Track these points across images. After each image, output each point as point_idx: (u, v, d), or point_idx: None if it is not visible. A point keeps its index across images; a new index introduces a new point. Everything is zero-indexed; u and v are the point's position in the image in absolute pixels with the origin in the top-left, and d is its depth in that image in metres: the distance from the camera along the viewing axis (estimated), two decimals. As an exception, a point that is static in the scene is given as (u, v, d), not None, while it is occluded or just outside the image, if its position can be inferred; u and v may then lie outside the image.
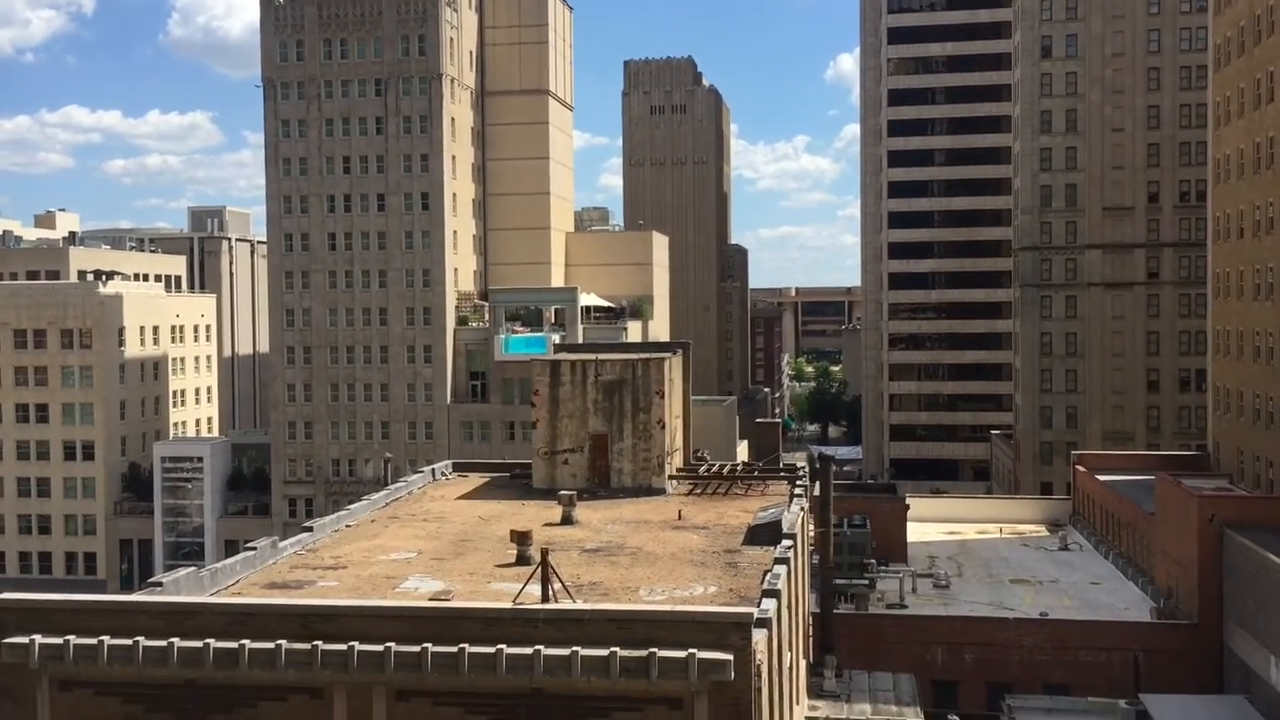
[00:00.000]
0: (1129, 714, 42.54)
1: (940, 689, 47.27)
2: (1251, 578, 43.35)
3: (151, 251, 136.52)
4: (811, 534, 40.44)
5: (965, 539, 70.45)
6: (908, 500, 67.31)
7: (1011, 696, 45.11)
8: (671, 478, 40.62)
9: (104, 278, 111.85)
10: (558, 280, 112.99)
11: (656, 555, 29.89)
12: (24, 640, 21.16)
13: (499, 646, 20.34)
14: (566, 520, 33.90)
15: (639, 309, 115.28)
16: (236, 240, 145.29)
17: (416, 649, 20.49)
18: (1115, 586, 57.65)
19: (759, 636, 20.98)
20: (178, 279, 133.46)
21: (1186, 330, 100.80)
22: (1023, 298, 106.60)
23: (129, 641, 20.96)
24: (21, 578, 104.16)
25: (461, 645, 20.40)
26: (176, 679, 21.17)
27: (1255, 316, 60.56)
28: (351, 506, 36.03)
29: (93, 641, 21.01)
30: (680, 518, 34.93)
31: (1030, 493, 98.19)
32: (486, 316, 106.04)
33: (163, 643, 20.89)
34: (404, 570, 28.23)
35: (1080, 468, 73.23)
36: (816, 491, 40.57)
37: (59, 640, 21.09)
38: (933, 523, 72.04)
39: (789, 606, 28.25)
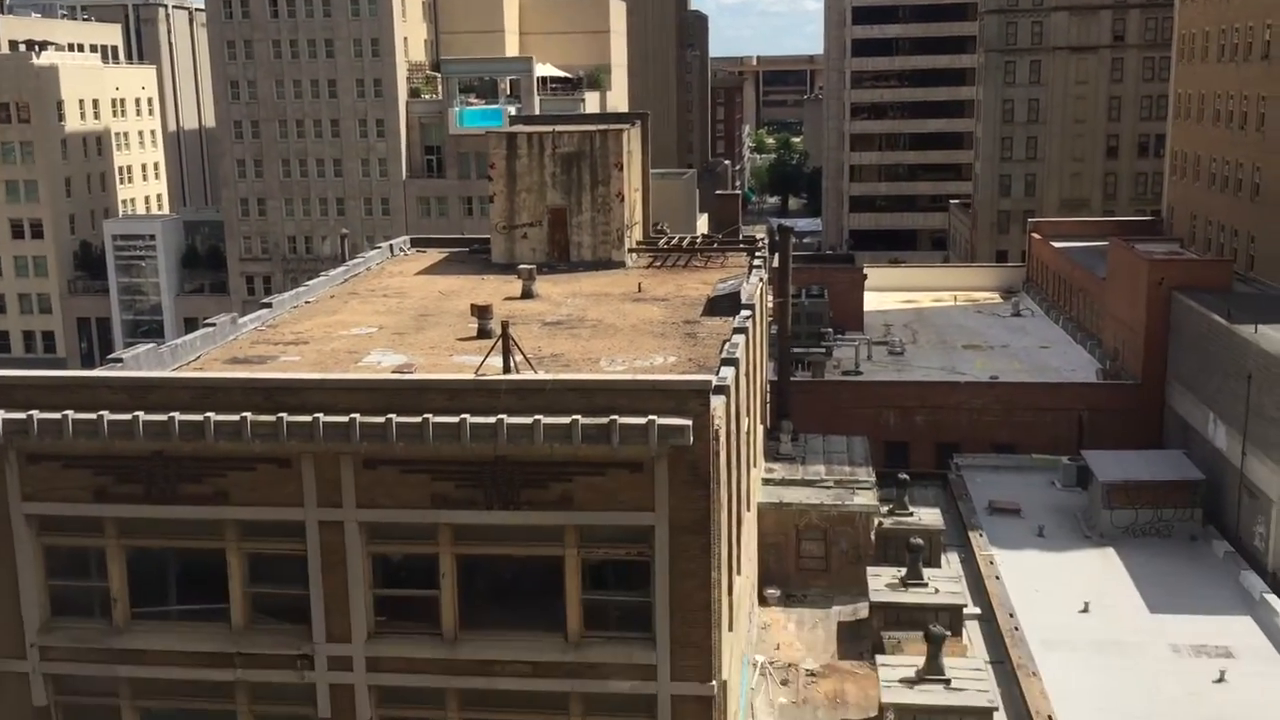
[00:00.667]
0: (1070, 469, 44.43)
1: (892, 450, 49.03)
2: (1196, 339, 44.59)
3: (85, 20, 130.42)
4: (770, 304, 40.90)
5: (921, 307, 71.64)
6: (865, 270, 67.99)
7: (959, 455, 46.90)
8: (631, 251, 40.60)
9: (37, 48, 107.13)
10: (512, 50, 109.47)
11: (616, 327, 30.18)
12: (-11, 417, 21.28)
13: (463, 416, 20.70)
14: (526, 294, 34.00)
15: (596, 80, 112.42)
16: (174, 7, 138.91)
17: (381, 420, 20.83)
18: (1064, 350, 59.18)
19: (717, 403, 21.46)
20: (114, 49, 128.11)
21: (1149, 95, 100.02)
22: (987, 63, 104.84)
23: (93, 415, 21.14)
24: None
25: (426, 416, 20.74)
26: (144, 451, 21.48)
27: (1219, 79, 60.05)
28: (310, 283, 35.85)
29: (57, 416, 21.17)
30: (640, 290, 35.12)
31: (987, 262, 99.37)
32: (439, 88, 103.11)
33: (127, 416, 21.09)
34: (366, 345, 28.38)
35: (1035, 235, 73.91)
36: (775, 263, 40.78)
37: (23, 415, 21.23)
38: (889, 292, 73.01)
39: (747, 374, 28.83)
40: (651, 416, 20.43)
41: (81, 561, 22.65)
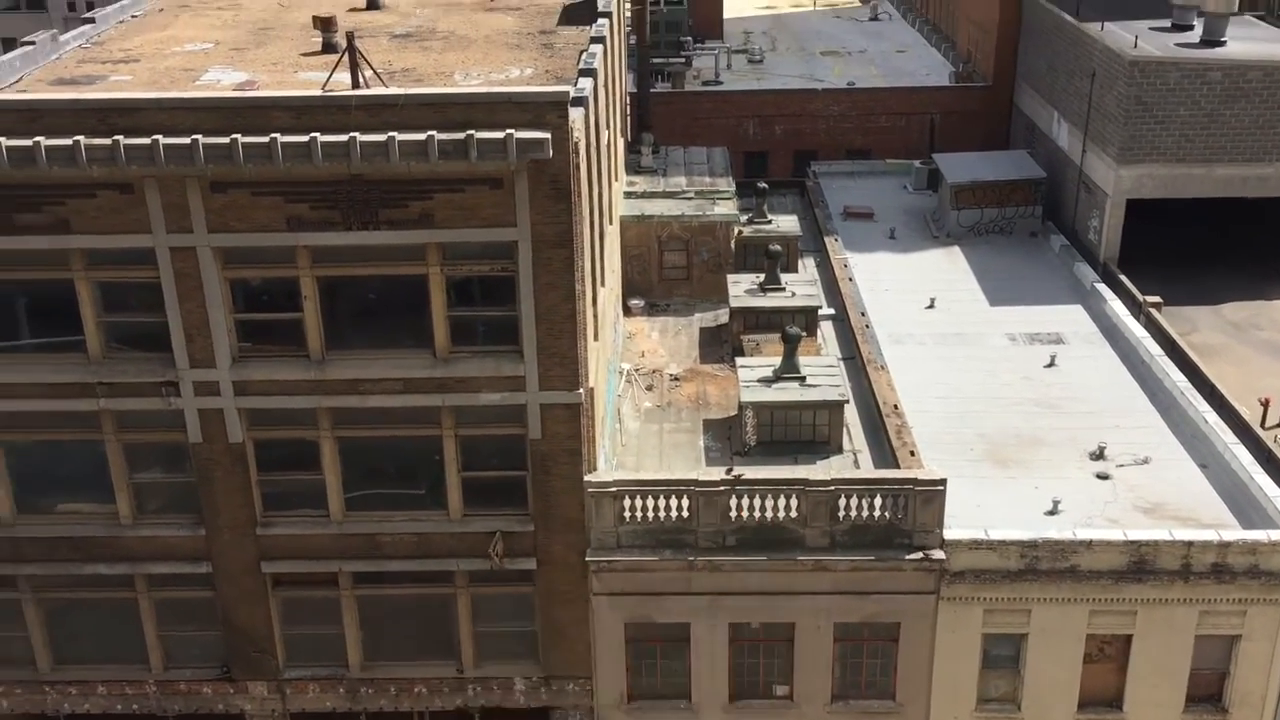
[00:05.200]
0: (921, 172, 45.52)
1: (751, 160, 49.34)
2: (1045, 38, 45.12)
3: None
4: (628, 12, 39.69)
5: (780, 13, 70.47)
6: (724, -26, 65.99)
7: (816, 163, 47.51)
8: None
9: None
10: None
11: (470, 39, 29.03)
12: None
13: (312, 135, 20.01)
14: (372, 4, 32.20)
15: None
16: None
17: (226, 141, 20.01)
18: (920, 54, 59.34)
19: (576, 115, 21.16)
20: None
21: None
22: None
23: (-89, 144, 19.82)
24: None
25: (273, 135, 19.99)
26: (-27, 181, 20.36)
27: None
28: (134, -6, 33.27)
29: None
30: (494, 1, 33.63)
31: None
32: None
33: (-51, 144, 19.82)
34: (202, 62, 26.79)
35: (896, -64, 72.33)
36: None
37: None
38: (750, -3, 71.41)
39: (606, 86, 28.31)
40: (509, 130, 20.09)
41: (-80, 298, 21.81)
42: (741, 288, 32.70)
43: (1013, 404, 30.78)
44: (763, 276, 32.74)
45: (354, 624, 24.65)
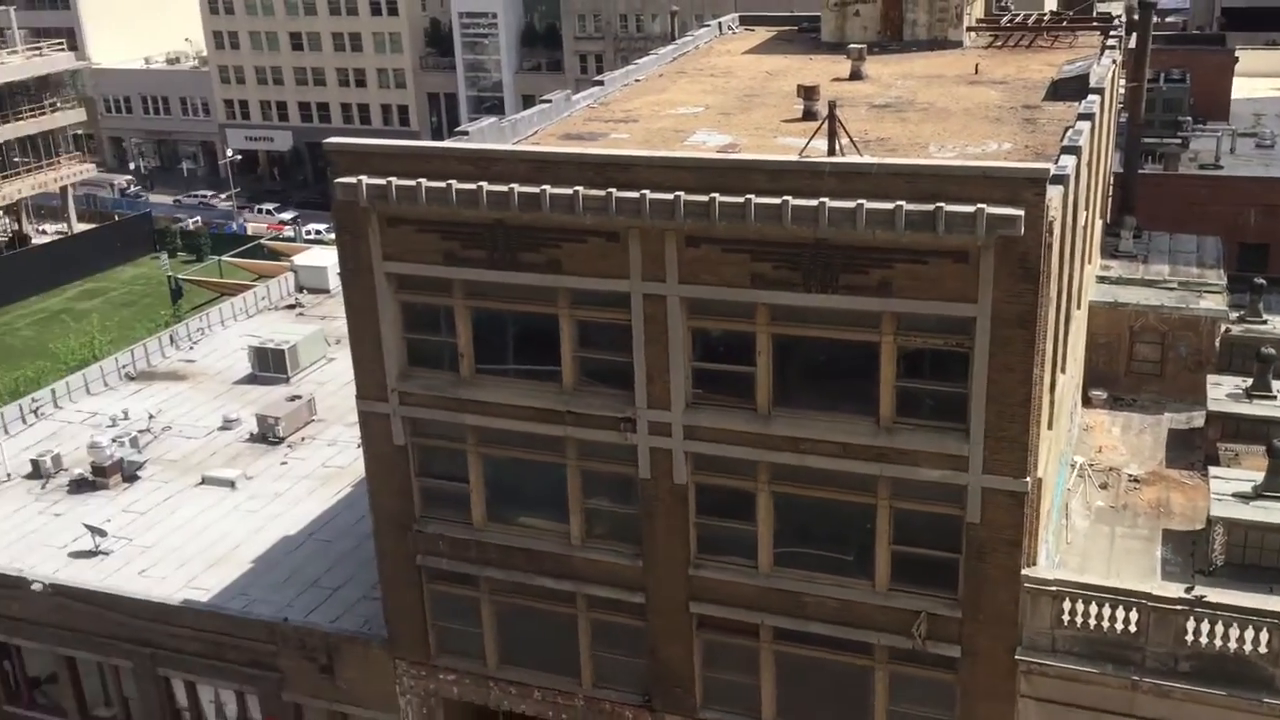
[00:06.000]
0: None
1: (1247, 252, 45.02)
2: None
3: None
4: (1122, 89, 37.73)
5: (1300, 95, 63.88)
6: (1237, 53, 60.97)
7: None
8: (970, 29, 38.26)
9: None
10: None
11: (949, 111, 28.86)
12: (353, 181, 23.26)
13: (784, 198, 20.69)
14: (855, 75, 32.95)
15: None
16: None
17: (705, 199, 21.18)
18: None
19: (1053, 193, 20.36)
20: None
21: None
22: None
23: (443, 184, 22.69)
24: (345, 127, 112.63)
25: (748, 196, 20.89)
26: (486, 219, 22.95)
27: None
28: (639, 61, 36.24)
29: (412, 184, 22.87)
30: (977, 72, 33.24)
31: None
32: None
33: (472, 186, 22.50)
34: (691, 124, 28.60)
35: None
36: (1132, 44, 37.32)
37: (383, 182, 23.07)
38: (1264, 78, 65.36)
39: (1089, 164, 27.06)
40: (980, 205, 19.69)
41: (434, 318, 24.79)
42: (1223, 391, 29.83)
43: None
44: (1250, 381, 29.68)
45: (770, 678, 24.88)
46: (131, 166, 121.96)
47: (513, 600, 26.42)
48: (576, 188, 21.86)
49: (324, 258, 52.34)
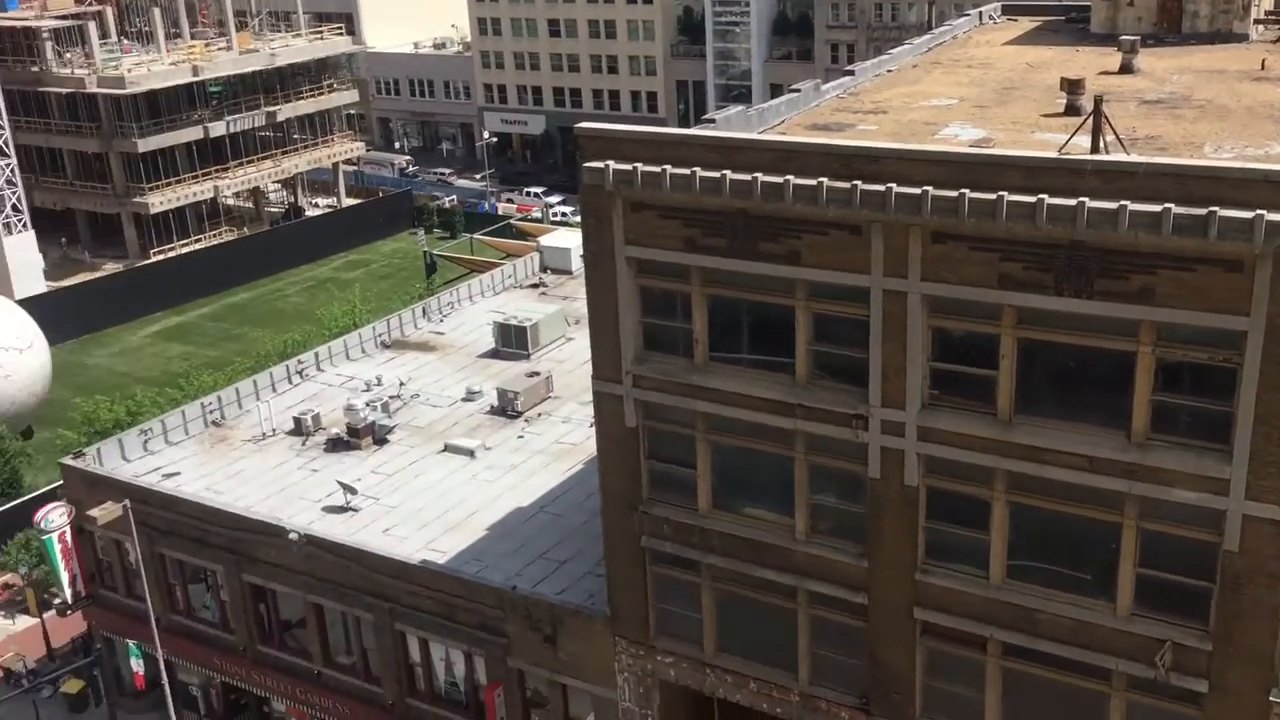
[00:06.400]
0: None
1: None
2: None
3: None
4: None
5: None
6: None
7: None
8: (1258, 21, 35.50)
9: None
10: None
11: (1229, 109, 26.90)
12: (600, 165, 23.73)
13: (1040, 196, 19.80)
14: (1125, 69, 31.13)
15: None
16: None
17: (954, 194, 20.52)
18: None
19: (1345, 200, 18.66)
20: None
21: None
22: None
23: (687, 171, 22.85)
24: (596, 113, 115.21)
25: (1000, 193, 20.10)
26: (729, 208, 22.97)
27: None
28: (893, 51, 35.41)
29: (657, 170, 23.13)
30: (1263, 68, 30.82)
31: None
32: None
33: (716, 174, 22.55)
34: (944, 117, 27.75)
35: None
36: None
37: (629, 167, 23.44)
38: None
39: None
40: (1260, 211, 18.27)
41: (670, 304, 25.05)
42: None
43: None
44: None
45: (995, 693, 24.01)
46: (396, 145, 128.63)
47: (733, 589, 26.46)
48: (821, 179, 21.59)
49: (568, 239, 53.80)
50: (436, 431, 39.39)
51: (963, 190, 20.41)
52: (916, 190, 20.78)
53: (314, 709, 35.43)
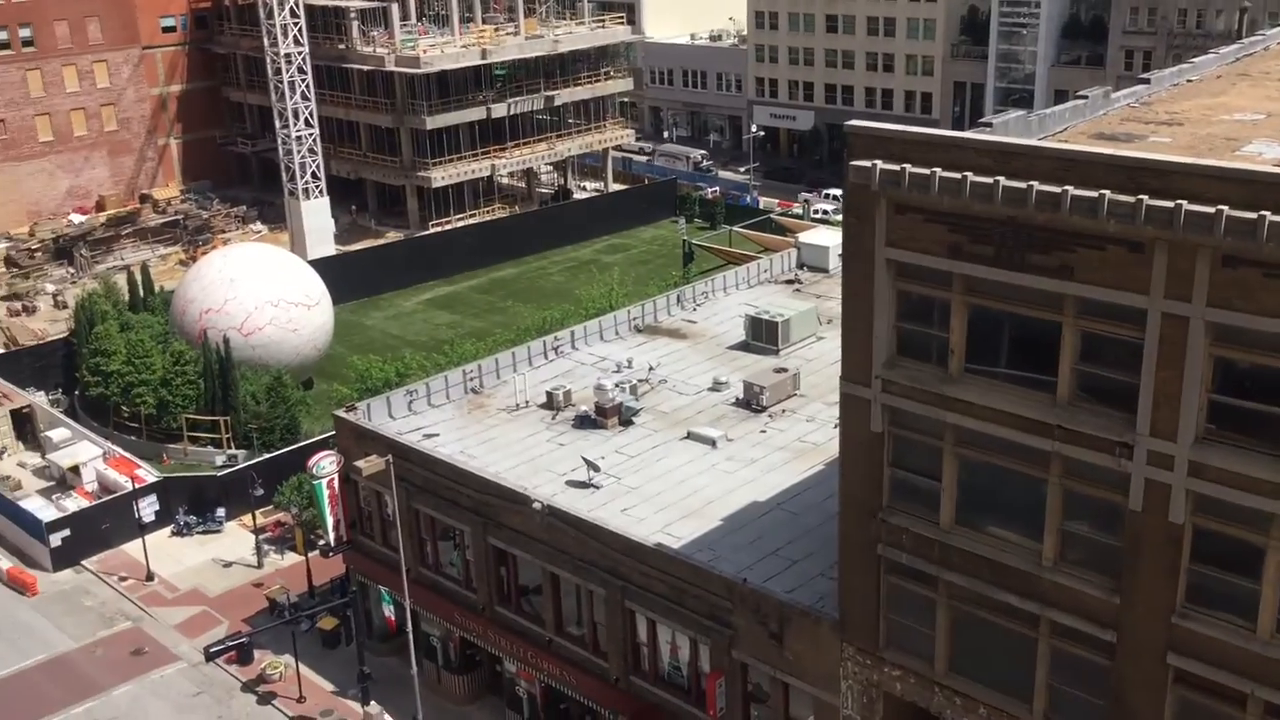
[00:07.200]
0: None
1: None
2: None
3: None
4: None
5: None
6: None
7: None
8: None
9: None
10: None
11: None
12: (867, 164, 23.31)
13: (1353, 223, 18.12)
14: None
15: None
16: None
17: (1252, 215, 19.03)
18: None
19: None
20: None
21: None
22: None
23: (958, 175, 22.13)
24: (867, 111, 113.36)
25: (1307, 217, 18.50)
26: (999, 215, 22.11)
27: None
28: (1196, 60, 33.16)
29: (926, 172, 22.52)
30: None
31: None
32: None
33: (989, 180, 21.74)
34: (1248, 133, 25.75)
35: None
36: None
37: (897, 167, 22.92)
38: None
39: None
40: None
41: (927, 310, 24.36)
42: None
43: None
44: None
45: (1249, 756, 22.27)
46: (665, 135, 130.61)
47: (970, 609, 25.57)
48: (1103, 191, 20.46)
49: (827, 238, 53.22)
50: (681, 418, 39.84)
51: (1263, 212, 18.89)
52: (1210, 209, 19.40)
53: (542, 674, 36.62)
